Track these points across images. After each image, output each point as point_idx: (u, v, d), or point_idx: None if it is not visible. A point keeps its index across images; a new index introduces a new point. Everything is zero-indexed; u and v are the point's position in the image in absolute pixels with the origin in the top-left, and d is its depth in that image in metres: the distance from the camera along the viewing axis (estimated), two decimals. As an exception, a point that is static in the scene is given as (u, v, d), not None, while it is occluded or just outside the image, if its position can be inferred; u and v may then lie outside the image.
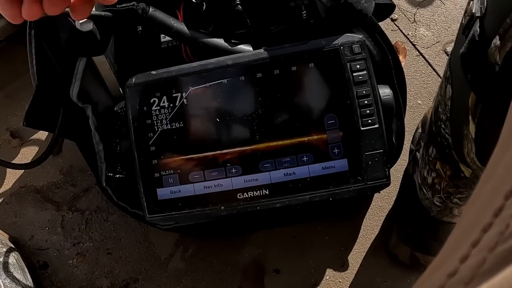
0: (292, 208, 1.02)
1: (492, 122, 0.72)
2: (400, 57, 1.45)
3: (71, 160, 1.51)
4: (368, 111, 0.98)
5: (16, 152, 1.55)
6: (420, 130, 1.11)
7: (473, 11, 0.71)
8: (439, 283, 0.28)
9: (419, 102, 1.47)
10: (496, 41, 0.65)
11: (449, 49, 1.52)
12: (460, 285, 0.27)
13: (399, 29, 1.56)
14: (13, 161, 1.53)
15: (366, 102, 0.98)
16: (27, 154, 1.54)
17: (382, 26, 1.06)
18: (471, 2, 0.73)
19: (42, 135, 1.56)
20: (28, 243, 1.45)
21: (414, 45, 1.54)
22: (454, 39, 1.51)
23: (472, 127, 0.76)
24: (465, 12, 0.76)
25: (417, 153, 1.10)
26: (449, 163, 0.92)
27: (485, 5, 0.69)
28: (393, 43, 1.06)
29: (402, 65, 1.08)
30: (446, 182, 0.96)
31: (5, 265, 1.29)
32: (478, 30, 0.69)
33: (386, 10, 1.12)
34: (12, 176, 1.52)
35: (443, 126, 0.90)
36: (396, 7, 1.19)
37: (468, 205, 0.33)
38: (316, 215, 1.33)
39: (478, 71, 0.69)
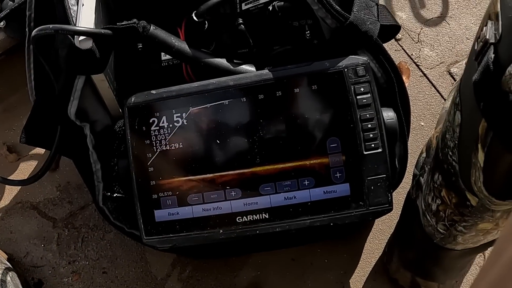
0: (292, 232, 1.00)
1: (502, 151, 0.70)
2: (404, 78, 1.43)
3: (68, 176, 1.49)
4: (371, 135, 0.97)
5: (12, 167, 1.53)
6: (424, 155, 1.09)
7: (487, 37, 0.69)
8: None
9: (422, 124, 1.45)
10: (511, 69, 0.63)
11: (453, 70, 1.50)
12: None
13: (402, 49, 1.55)
14: (10, 176, 1.51)
15: (369, 125, 0.97)
16: (24, 169, 1.52)
17: (386, 46, 1.04)
18: (484, 27, 0.71)
19: (39, 150, 1.54)
20: (23, 260, 1.43)
21: (417, 65, 1.52)
22: (458, 60, 1.50)
23: (481, 156, 0.74)
24: (477, 38, 0.74)
25: (421, 178, 1.08)
26: (455, 191, 0.90)
27: (500, 32, 0.68)
28: (396, 63, 1.04)
29: (406, 86, 1.07)
30: (451, 209, 0.94)
31: (0, 282, 1.27)
32: (492, 57, 0.67)
33: (391, 31, 1.11)
34: (8, 192, 1.50)
35: (450, 153, 0.88)
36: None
37: None
38: (316, 238, 1.31)
39: (491, 99, 0.67)
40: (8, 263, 1.36)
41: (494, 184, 0.77)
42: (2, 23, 1.44)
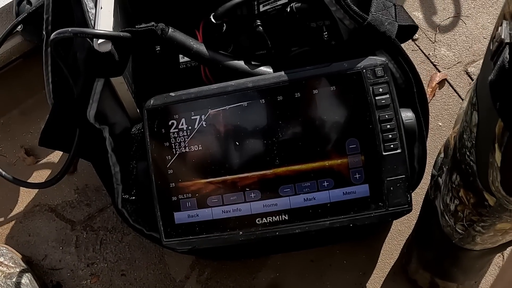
0: (311, 233, 1.00)
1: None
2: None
3: (86, 179, 1.50)
4: (390, 136, 0.97)
5: (30, 170, 1.53)
6: (442, 155, 1.09)
7: (503, 37, 0.69)
8: None
9: (440, 124, 1.44)
10: (527, 68, 0.63)
11: (470, 69, 1.50)
12: None
13: (419, 49, 1.54)
14: (28, 179, 1.51)
15: (388, 126, 0.97)
16: (41, 172, 1.53)
17: (403, 46, 1.04)
18: (500, 27, 0.71)
19: (57, 153, 1.54)
20: (41, 262, 1.44)
21: (435, 65, 1.52)
22: (475, 59, 1.49)
23: (498, 156, 0.74)
24: (493, 37, 0.74)
25: (439, 178, 1.08)
26: (473, 191, 0.90)
27: (516, 31, 0.67)
28: (414, 63, 1.04)
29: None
30: (470, 210, 0.94)
31: (18, 286, 1.27)
32: (508, 57, 0.67)
33: (409, 31, 1.11)
34: (26, 194, 1.51)
35: (468, 153, 0.88)
36: (417, 27, 1.19)
37: None
38: (335, 240, 1.30)
39: (508, 99, 0.67)
40: (25, 265, 1.37)
41: None
42: (19, 26, 1.44)
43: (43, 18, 1.11)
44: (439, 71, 1.51)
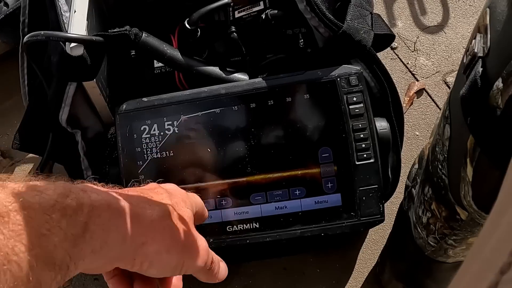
0: (283, 241, 1.00)
1: (490, 166, 0.69)
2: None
3: (61, 182, 1.49)
4: (363, 145, 0.96)
5: (6, 172, 1.52)
6: (416, 166, 1.08)
7: (475, 50, 0.68)
8: None
9: (417, 133, 1.44)
10: (499, 83, 0.62)
11: (449, 79, 1.50)
12: None
13: (398, 57, 1.54)
14: (3, 182, 1.50)
15: (362, 135, 0.96)
16: (17, 174, 1.51)
17: (381, 54, 1.04)
18: (473, 40, 0.70)
19: (33, 155, 1.53)
20: (14, 266, 1.42)
21: (413, 74, 1.52)
22: (454, 69, 1.49)
23: (469, 170, 0.74)
24: (467, 51, 0.74)
25: (413, 189, 1.07)
26: (445, 204, 0.90)
27: (488, 45, 0.67)
28: (391, 73, 1.03)
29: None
30: (441, 223, 0.93)
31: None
32: (480, 71, 0.67)
33: (386, 40, 1.11)
34: (0, 197, 1.49)
35: (440, 166, 0.87)
36: (396, 35, 1.17)
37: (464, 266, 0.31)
38: (307, 248, 1.30)
39: (478, 115, 0.67)
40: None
41: (483, 198, 0.76)
42: (-4, 28, 1.43)
43: (20, 20, 1.10)
44: (418, 80, 1.51)
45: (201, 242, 0.64)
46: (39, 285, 0.43)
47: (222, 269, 0.70)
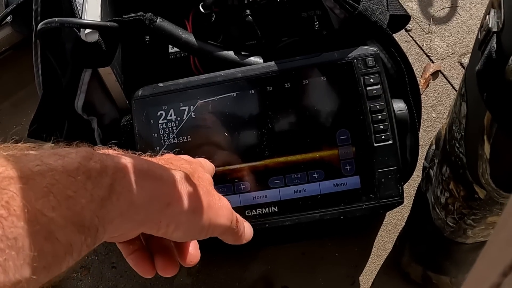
0: (302, 225, 0.99)
1: (508, 143, 0.69)
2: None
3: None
4: (381, 127, 0.96)
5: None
6: (434, 147, 1.08)
7: (490, 25, 0.68)
8: None
9: (434, 115, 1.43)
10: (515, 58, 0.62)
11: (464, 60, 1.49)
12: None
13: (413, 39, 1.53)
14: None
15: (379, 117, 0.96)
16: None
17: (396, 37, 1.02)
18: (487, 16, 0.70)
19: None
20: (32, 255, 1.42)
21: (428, 56, 1.51)
22: (470, 51, 1.48)
23: (487, 147, 0.73)
24: (481, 26, 0.73)
25: (430, 170, 1.07)
26: (463, 184, 0.89)
27: (503, 20, 0.66)
28: (407, 55, 1.02)
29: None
30: (460, 203, 0.93)
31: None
32: (495, 46, 0.66)
33: (401, 21, 1.10)
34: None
35: (457, 145, 0.87)
36: (411, 17, 1.16)
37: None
38: (326, 232, 1.29)
39: (495, 90, 0.66)
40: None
41: (501, 176, 0.75)
42: (9, 17, 1.43)
43: (33, 9, 1.10)
44: (433, 62, 1.50)
45: (224, 201, 0.66)
46: (70, 247, 0.43)
47: (247, 228, 0.73)
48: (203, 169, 0.72)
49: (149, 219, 0.54)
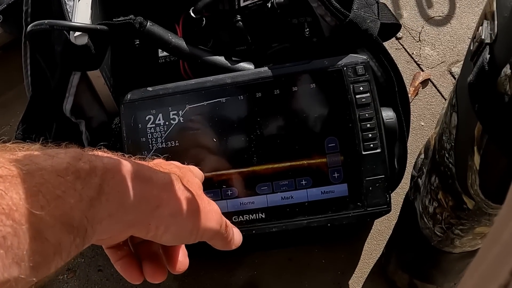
0: (289, 232, 0.99)
1: (498, 154, 0.69)
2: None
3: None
4: (370, 135, 0.96)
5: (9, 163, 1.51)
6: (422, 156, 1.08)
7: (483, 37, 0.68)
8: None
9: (422, 123, 1.44)
10: (507, 70, 0.62)
11: (454, 69, 1.49)
12: None
13: (403, 47, 1.53)
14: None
15: (368, 125, 0.96)
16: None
17: (386, 45, 1.03)
18: (480, 27, 0.70)
19: (36, 146, 1.52)
20: (17, 257, 1.42)
21: (418, 64, 1.51)
22: (460, 60, 1.49)
23: (477, 158, 0.73)
24: (473, 38, 0.73)
25: (419, 179, 1.07)
26: (451, 194, 0.89)
27: (496, 32, 0.66)
28: (396, 63, 1.03)
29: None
30: (448, 212, 0.93)
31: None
32: (488, 58, 0.66)
33: (392, 29, 1.10)
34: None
35: (447, 155, 0.87)
36: (401, 25, 1.16)
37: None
38: (313, 239, 1.29)
39: (486, 101, 0.66)
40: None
41: (491, 187, 0.76)
42: (-1, 18, 1.42)
43: (23, 9, 1.10)
44: (423, 71, 1.50)
45: (214, 205, 0.66)
46: (59, 247, 0.43)
47: (236, 234, 0.73)
48: (192, 173, 0.72)
49: (138, 221, 0.54)
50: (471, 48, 0.73)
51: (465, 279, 0.32)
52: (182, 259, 0.68)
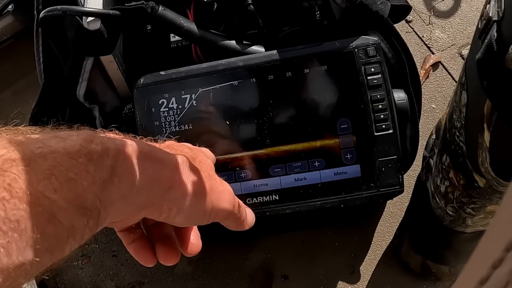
0: (302, 214, 1.00)
1: (507, 131, 0.69)
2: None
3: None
4: (382, 116, 0.96)
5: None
6: (434, 136, 1.08)
7: (490, 14, 0.68)
8: None
9: (433, 106, 1.44)
10: (515, 46, 0.62)
11: (464, 52, 1.49)
12: None
13: (413, 31, 1.53)
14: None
15: (380, 106, 0.96)
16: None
17: (396, 28, 1.03)
18: (488, 5, 0.70)
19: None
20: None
21: (429, 47, 1.51)
22: (470, 42, 1.48)
23: (487, 136, 0.73)
24: (481, 16, 0.73)
25: (430, 160, 1.07)
26: (462, 172, 0.89)
27: (503, 9, 0.67)
28: (408, 45, 1.03)
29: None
30: (460, 191, 0.93)
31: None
32: (496, 35, 0.66)
33: (402, 11, 1.10)
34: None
35: (457, 133, 0.87)
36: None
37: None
38: (326, 221, 1.30)
39: (495, 78, 0.66)
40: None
41: (501, 165, 0.76)
42: (10, 6, 1.43)
43: (34, -3, 1.10)
44: (433, 53, 1.50)
45: (226, 186, 0.66)
46: (72, 230, 0.43)
47: (249, 214, 0.72)
48: (204, 155, 0.72)
49: (150, 203, 0.54)
50: (479, 26, 0.73)
51: (475, 254, 0.33)
52: (195, 241, 0.68)
